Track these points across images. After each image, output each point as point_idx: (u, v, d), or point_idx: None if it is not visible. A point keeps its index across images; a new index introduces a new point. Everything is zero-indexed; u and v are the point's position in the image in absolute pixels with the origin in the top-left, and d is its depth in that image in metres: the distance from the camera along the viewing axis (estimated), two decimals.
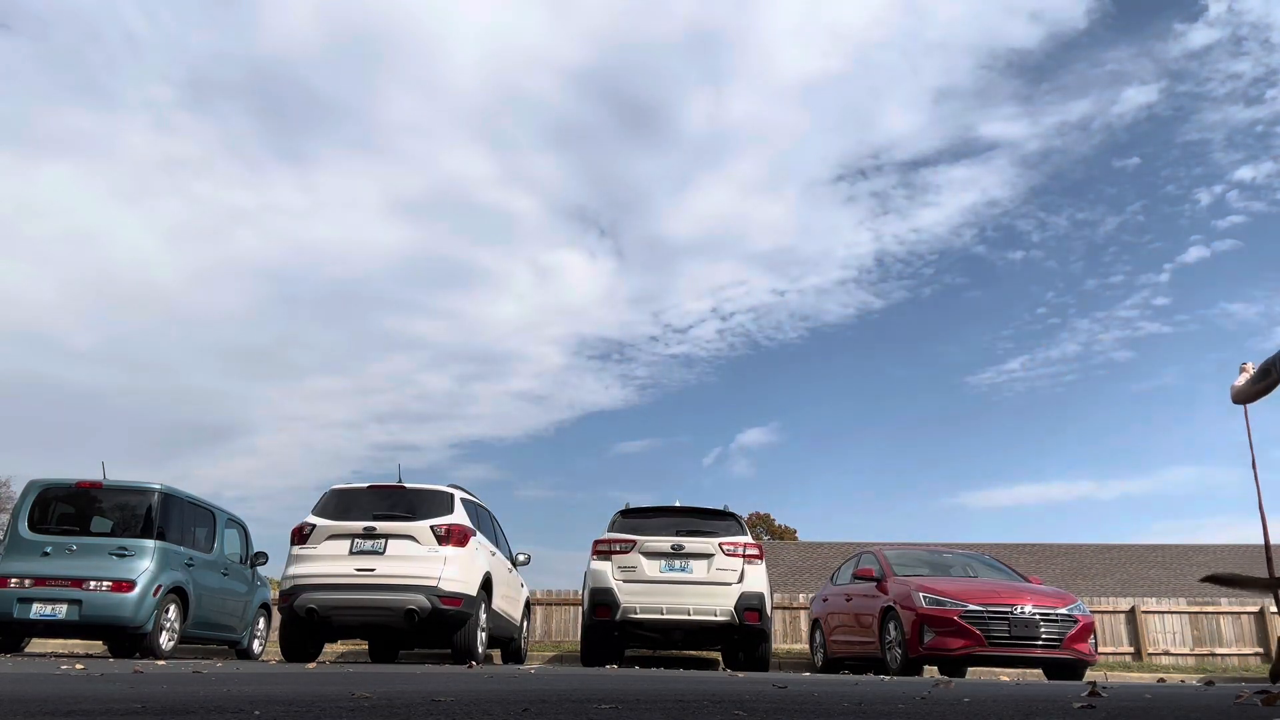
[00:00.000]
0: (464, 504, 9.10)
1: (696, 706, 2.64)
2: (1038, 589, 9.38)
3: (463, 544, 8.57)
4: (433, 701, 2.68)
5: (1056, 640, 8.56)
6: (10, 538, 8.86)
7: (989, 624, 8.53)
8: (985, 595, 8.81)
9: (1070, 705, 2.79)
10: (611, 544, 9.59)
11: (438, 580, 8.25)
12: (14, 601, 8.39)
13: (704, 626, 9.20)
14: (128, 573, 8.60)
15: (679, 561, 9.38)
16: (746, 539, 9.71)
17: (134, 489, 9.22)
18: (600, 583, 9.36)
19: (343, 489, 9.08)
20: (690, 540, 9.40)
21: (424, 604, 8.17)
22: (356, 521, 8.55)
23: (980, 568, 10.51)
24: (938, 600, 8.77)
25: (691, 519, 9.84)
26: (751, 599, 9.23)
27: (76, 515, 9.21)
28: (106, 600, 8.45)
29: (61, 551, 8.68)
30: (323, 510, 8.83)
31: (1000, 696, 3.53)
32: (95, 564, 8.60)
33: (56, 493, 9.17)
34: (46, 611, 8.40)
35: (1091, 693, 3.66)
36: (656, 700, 2.90)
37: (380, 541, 8.44)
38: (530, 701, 2.72)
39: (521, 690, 3.41)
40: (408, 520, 8.57)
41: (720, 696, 3.19)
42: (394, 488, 9.07)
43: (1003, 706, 2.82)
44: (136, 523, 9.00)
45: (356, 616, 8.40)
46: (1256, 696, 3.20)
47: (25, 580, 8.50)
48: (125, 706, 2.38)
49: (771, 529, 47.16)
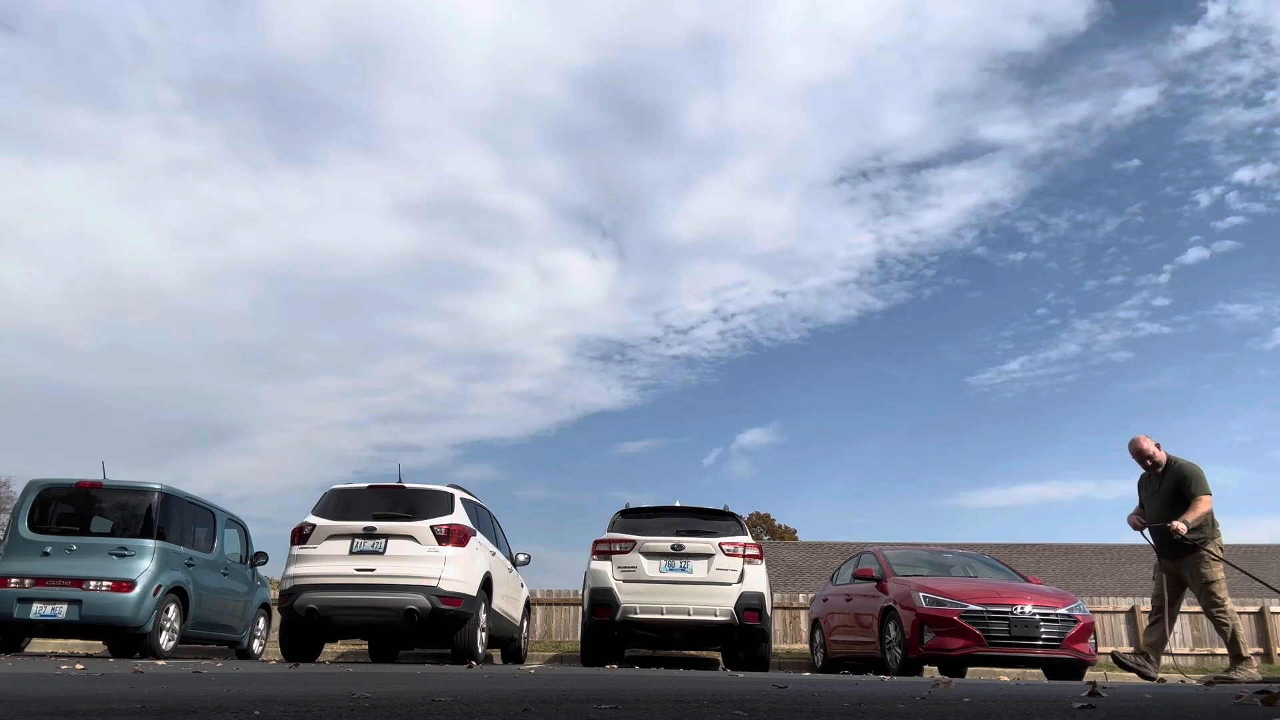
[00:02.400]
0: (464, 504, 9.10)
1: (696, 706, 2.64)
2: (1038, 589, 9.38)
3: (463, 544, 8.57)
4: (433, 701, 2.68)
5: (1056, 640, 8.56)
6: (10, 538, 8.86)
7: (989, 624, 8.53)
8: (985, 595, 8.80)
9: (1070, 705, 2.79)
10: (611, 544, 9.59)
11: (438, 580, 8.25)
12: (14, 601, 8.39)
13: (704, 626, 9.20)
14: (128, 573, 8.60)
15: (679, 561, 9.37)
16: (746, 539, 9.71)
17: (134, 489, 9.21)
18: (600, 583, 9.36)
19: (343, 489, 9.08)
20: (690, 540, 9.40)
21: (424, 604, 8.16)
22: (356, 521, 8.54)
23: (980, 568, 10.51)
24: (938, 600, 8.76)
25: (691, 519, 9.84)
26: (751, 599, 9.23)
27: (76, 515, 9.21)
28: (106, 600, 8.44)
29: (61, 551, 8.68)
30: (323, 510, 8.83)
31: (1000, 696, 3.53)
32: (95, 564, 8.60)
33: (56, 493, 9.16)
34: (46, 611, 8.40)
35: (1091, 693, 3.66)
36: (656, 700, 2.90)
37: (380, 541, 8.44)
38: (530, 701, 2.72)
39: (521, 690, 3.41)
40: (408, 520, 8.57)
41: (720, 696, 3.19)
42: (394, 488, 9.07)
43: (1003, 706, 2.82)
44: (136, 523, 9.00)
45: (356, 616, 8.39)
46: (1257, 696, 3.20)
47: (25, 580, 8.50)
48: (125, 706, 2.38)
49: (771, 529, 47.16)
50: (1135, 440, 7.61)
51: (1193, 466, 7.42)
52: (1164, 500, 7.41)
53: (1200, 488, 7.28)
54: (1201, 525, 7.22)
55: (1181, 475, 7.37)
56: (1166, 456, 7.54)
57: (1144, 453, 7.55)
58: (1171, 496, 7.37)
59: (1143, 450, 7.55)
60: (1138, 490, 7.84)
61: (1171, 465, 7.48)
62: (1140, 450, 7.57)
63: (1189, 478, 7.33)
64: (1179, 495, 7.32)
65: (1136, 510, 7.73)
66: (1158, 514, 7.43)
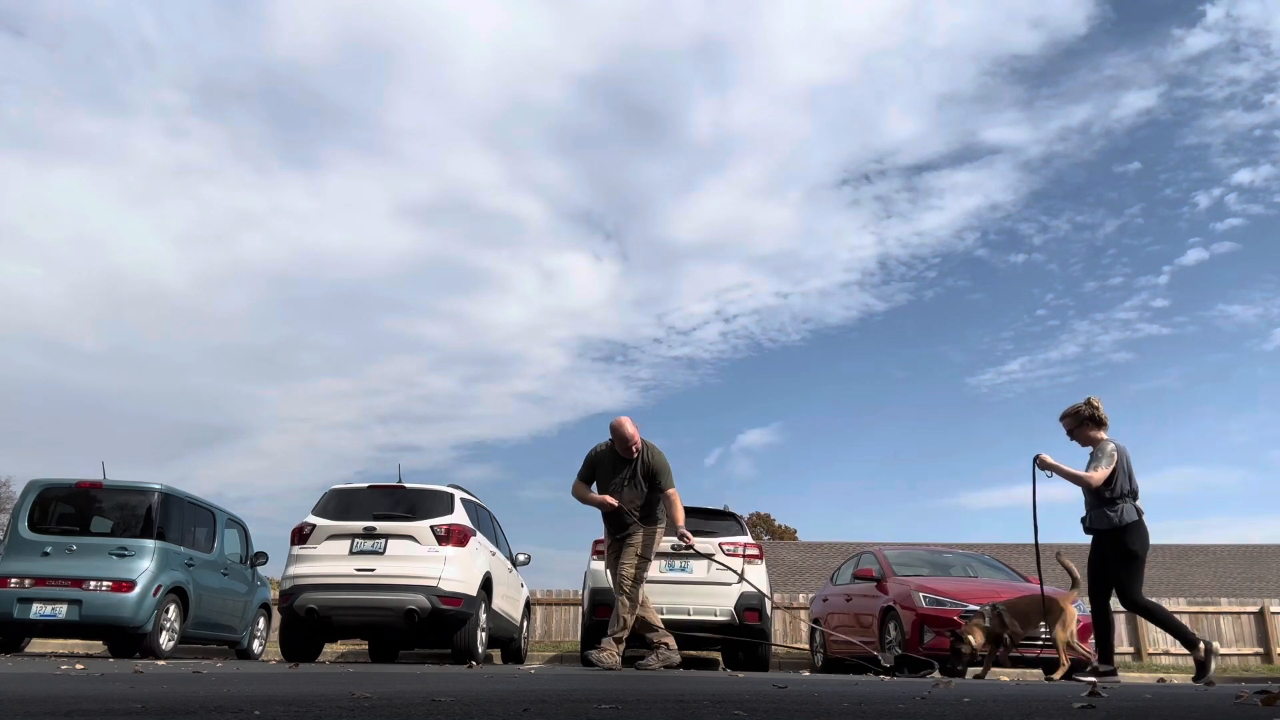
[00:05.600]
0: (464, 504, 9.10)
1: (696, 706, 2.64)
2: (1038, 589, 9.36)
3: (463, 544, 8.57)
4: (433, 701, 2.68)
5: None
6: (10, 538, 8.86)
7: None
8: (985, 595, 8.79)
9: (1070, 705, 2.79)
10: None
11: (438, 580, 8.25)
12: (14, 601, 8.39)
13: (704, 626, 9.20)
14: (128, 573, 8.60)
15: (679, 561, 9.37)
16: (746, 539, 9.70)
17: (134, 489, 9.21)
18: (600, 583, 9.35)
19: (342, 489, 9.08)
20: None
21: (424, 604, 8.16)
22: (356, 521, 8.55)
23: (980, 568, 10.51)
24: (938, 600, 8.76)
25: (691, 519, 9.81)
26: (751, 599, 9.23)
27: (76, 515, 9.21)
28: (106, 600, 8.45)
29: (61, 551, 8.68)
30: (322, 510, 8.83)
31: (1000, 696, 3.53)
32: (95, 564, 8.60)
33: (56, 493, 9.16)
34: (46, 611, 8.40)
35: (1091, 693, 3.66)
36: (656, 700, 2.90)
37: (380, 541, 8.44)
38: (530, 701, 2.72)
39: (521, 690, 3.41)
40: (408, 520, 8.57)
41: (720, 696, 3.19)
42: (394, 487, 9.07)
43: (1002, 706, 2.82)
44: (136, 523, 9.00)
45: (356, 616, 8.39)
46: (1256, 696, 3.20)
47: (25, 580, 8.51)
48: (125, 706, 2.38)
49: (771, 529, 47.17)
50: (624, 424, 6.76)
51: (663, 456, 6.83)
52: (636, 487, 6.83)
53: (670, 480, 6.75)
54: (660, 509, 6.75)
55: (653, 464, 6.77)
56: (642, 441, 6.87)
57: (629, 437, 6.76)
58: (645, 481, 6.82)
59: (629, 434, 6.76)
60: (595, 466, 6.94)
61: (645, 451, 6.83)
62: (628, 433, 6.76)
63: (660, 470, 6.75)
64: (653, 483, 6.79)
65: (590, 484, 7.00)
66: (631, 499, 6.85)
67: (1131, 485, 6.47)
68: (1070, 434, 6.74)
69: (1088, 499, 6.57)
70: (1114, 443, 6.55)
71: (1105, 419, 6.63)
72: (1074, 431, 6.71)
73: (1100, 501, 6.45)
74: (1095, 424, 6.60)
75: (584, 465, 7.04)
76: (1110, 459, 6.43)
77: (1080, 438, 6.69)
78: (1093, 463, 6.49)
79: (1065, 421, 6.76)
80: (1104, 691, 3.89)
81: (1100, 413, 6.61)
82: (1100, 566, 6.58)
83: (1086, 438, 6.64)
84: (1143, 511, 6.48)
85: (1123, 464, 6.47)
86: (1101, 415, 6.61)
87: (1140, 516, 6.44)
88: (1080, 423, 6.65)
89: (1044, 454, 6.52)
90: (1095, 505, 6.49)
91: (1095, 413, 6.60)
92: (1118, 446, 6.53)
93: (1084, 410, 6.64)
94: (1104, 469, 6.38)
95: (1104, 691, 3.89)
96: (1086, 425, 6.63)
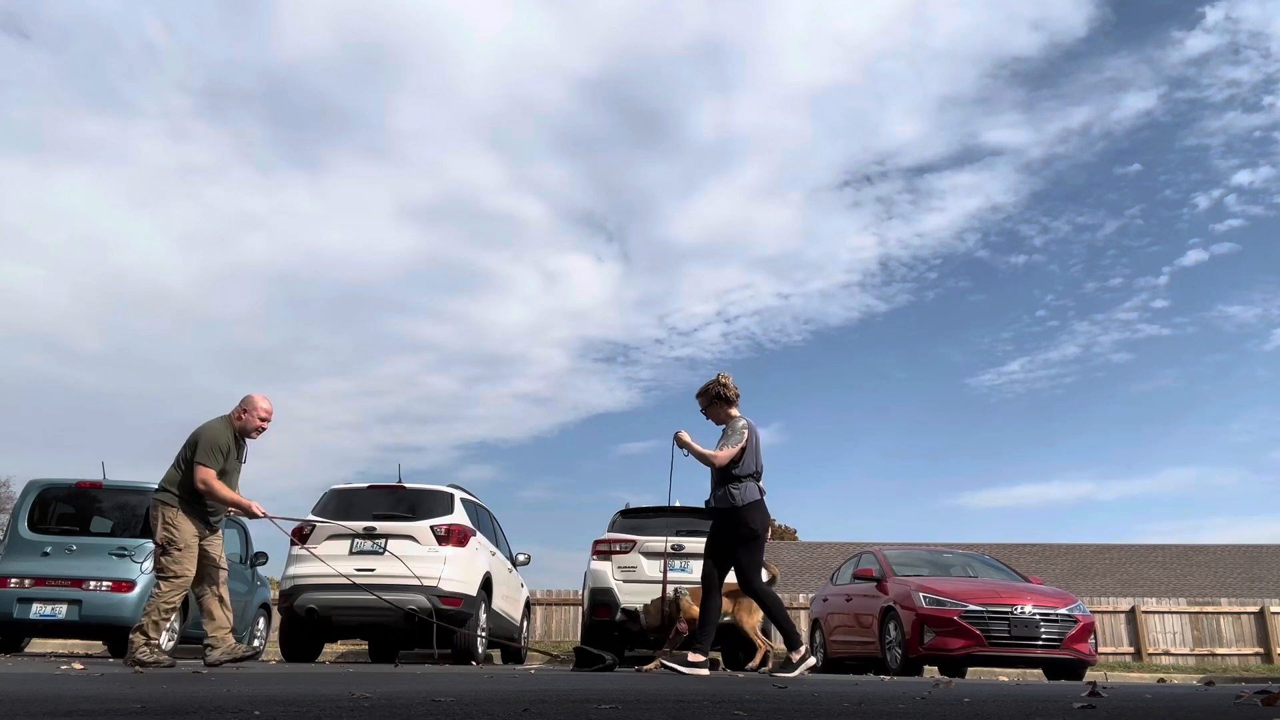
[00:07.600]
0: (464, 504, 9.10)
1: (696, 706, 2.64)
2: (1038, 589, 9.37)
3: (463, 544, 8.56)
4: (433, 701, 2.68)
5: (1056, 640, 8.56)
6: (10, 538, 8.86)
7: (989, 624, 8.53)
8: (985, 595, 8.80)
9: (1070, 705, 2.79)
10: (611, 544, 9.58)
11: (438, 580, 8.24)
12: (14, 601, 8.39)
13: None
14: (128, 573, 8.60)
15: (679, 561, 9.36)
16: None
17: (134, 489, 9.21)
18: (600, 583, 9.35)
19: (342, 489, 9.07)
20: (690, 540, 9.38)
21: (424, 604, 8.16)
22: (356, 521, 8.54)
23: (980, 568, 10.50)
24: (938, 600, 8.76)
25: (691, 519, 9.83)
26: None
27: (76, 515, 9.21)
28: (106, 600, 8.44)
29: (61, 551, 8.68)
30: (322, 510, 8.83)
31: (1000, 696, 3.53)
32: (95, 564, 8.60)
33: (56, 493, 9.17)
34: (46, 611, 8.40)
35: (1091, 693, 3.66)
36: (656, 700, 2.90)
37: (380, 541, 8.44)
38: (530, 701, 2.72)
39: (521, 690, 3.41)
40: (408, 520, 8.57)
41: (720, 696, 3.19)
42: (394, 488, 9.07)
43: (1003, 706, 2.82)
44: (136, 523, 9.00)
45: (356, 616, 8.39)
46: (1257, 696, 3.20)
47: (25, 580, 8.50)
48: (125, 706, 2.37)
49: (771, 529, 47.19)
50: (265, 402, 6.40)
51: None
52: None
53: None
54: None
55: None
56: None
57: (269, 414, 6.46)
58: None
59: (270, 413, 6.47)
60: (228, 449, 6.43)
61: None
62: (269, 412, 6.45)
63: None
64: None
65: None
66: (237, 483, 6.53)
67: (758, 465, 6.30)
68: (704, 412, 6.56)
69: (714, 477, 6.35)
70: (745, 419, 6.38)
71: (735, 396, 6.44)
72: (707, 410, 6.51)
73: (725, 480, 6.24)
74: (725, 402, 6.41)
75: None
76: (740, 436, 6.24)
77: (714, 415, 6.49)
78: (723, 440, 6.32)
79: (699, 400, 6.56)
80: (1104, 691, 3.88)
81: (730, 390, 6.41)
82: (719, 547, 6.36)
83: (719, 415, 6.46)
84: (764, 491, 6.31)
85: (752, 443, 6.30)
86: (731, 393, 6.42)
87: (762, 496, 6.27)
88: (711, 401, 6.45)
89: (683, 431, 6.35)
90: (720, 484, 6.28)
91: (724, 390, 6.41)
92: (749, 424, 6.35)
93: (713, 389, 6.44)
94: (730, 449, 6.20)
95: (1104, 691, 3.88)
96: (717, 404, 6.43)
